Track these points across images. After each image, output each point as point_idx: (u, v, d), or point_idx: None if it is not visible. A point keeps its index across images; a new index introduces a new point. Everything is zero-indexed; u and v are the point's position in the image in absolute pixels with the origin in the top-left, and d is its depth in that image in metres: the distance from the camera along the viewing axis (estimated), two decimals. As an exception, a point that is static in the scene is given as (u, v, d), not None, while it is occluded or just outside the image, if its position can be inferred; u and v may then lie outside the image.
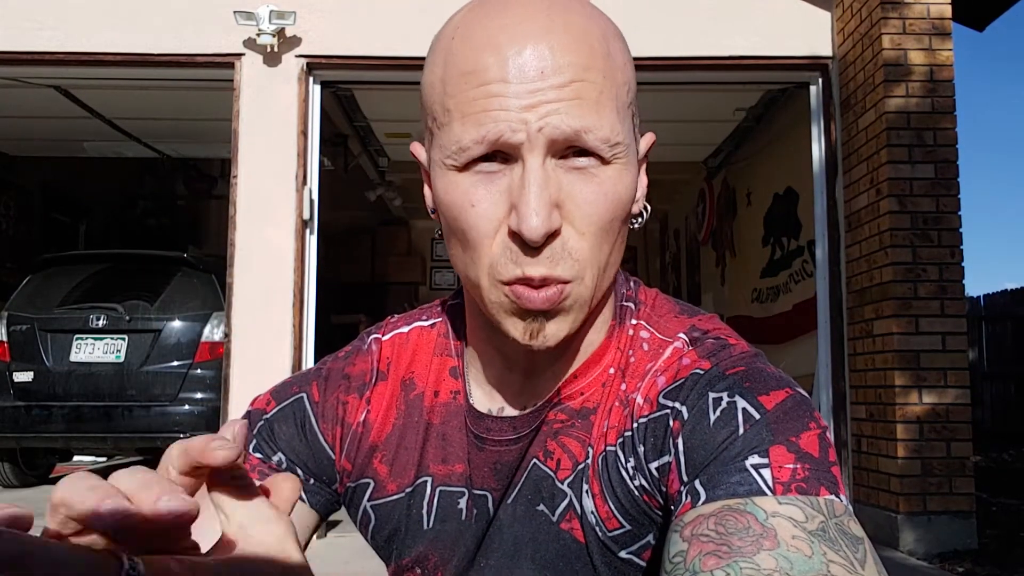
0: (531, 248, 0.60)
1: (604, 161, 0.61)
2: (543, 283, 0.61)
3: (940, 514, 3.81)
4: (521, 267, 0.61)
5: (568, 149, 0.61)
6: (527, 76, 0.59)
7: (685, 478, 0.59)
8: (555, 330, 0.64)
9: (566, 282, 0.62)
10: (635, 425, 0.66)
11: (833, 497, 0.55)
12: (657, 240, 10.10)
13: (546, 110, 0.59)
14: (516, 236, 0.60)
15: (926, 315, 3.91)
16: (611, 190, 0.62)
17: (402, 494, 0.75)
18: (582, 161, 0.61)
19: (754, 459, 0.56)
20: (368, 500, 0.77)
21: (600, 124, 0.60)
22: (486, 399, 0.75)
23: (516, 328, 0.64)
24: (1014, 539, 4.09)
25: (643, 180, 0.71)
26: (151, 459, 7.00)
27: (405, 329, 0.82)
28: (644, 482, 0.65)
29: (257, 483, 0.43)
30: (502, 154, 0.61)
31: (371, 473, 0.76)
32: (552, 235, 0.60)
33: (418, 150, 0.72)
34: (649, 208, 0.73)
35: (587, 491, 0.68)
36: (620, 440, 0.67)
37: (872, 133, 4.13)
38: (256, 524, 0.40)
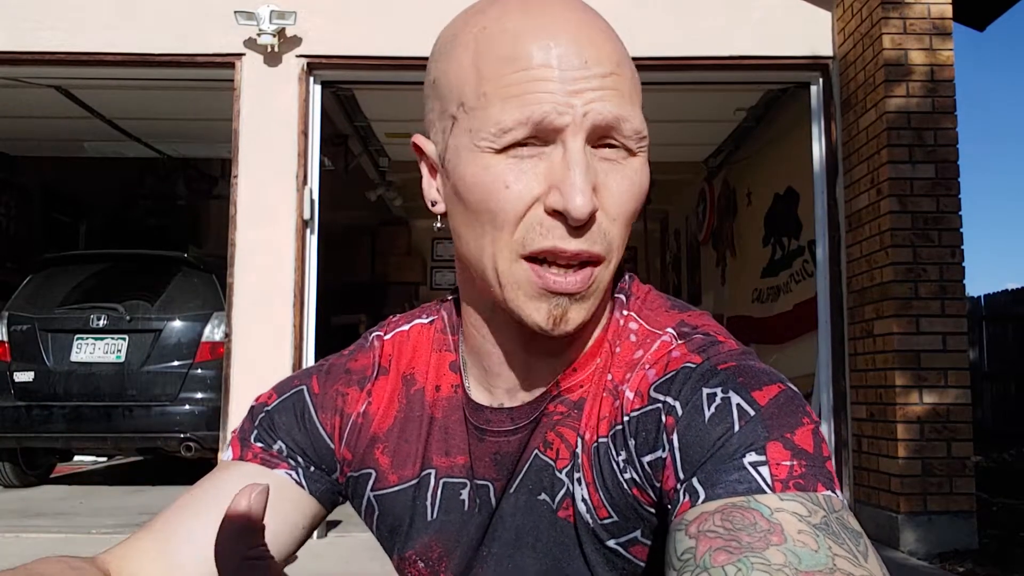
0: (572, 228, 0.62)
1: (631, 153, 0.65)
2: (574, 259, 0.63)
3: (941, 514, 3.81)
4: (552, 240, 0.62)
5: (600, 139, 0.63)
6: (571, 64, 0.61)
7: (681, 475, 0.59)
8: (576, 315, 0.65)
9: (598, 260, 0.64)
10: (626, 419, 0.67)
11: (830, 493, 0.55)
12: (658, 240, 10.10)
13: (590, 97, 0.61)
14: (557, 215, 0.62)
15: (927, 315, 3.91)
16: (638, 180, 0.65)
17: (405, 486, 0.77)
18: (611, 152, 0.64)
19: (751, 456, 0.56)
20: (371, 490, 0.79)
21: (634, 115, 0.64)
22: (484, 391, 0.76)
23: (539, 312, 0.65)
24: (1015, 539, 4.09)
25: None
26: (151, 459, 7.02)
27: (406, 327, 0.83)
28: (635, 475, 0.66)
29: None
30: (538, 138, 0.62)
31: (372, 463, 0.78)
32: (592, 217, 0.62)
33: (423, 141, 0.72)
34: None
35: (580, 479, 0.69)
36: (611, 432, 0.68)
37: (872, 133, 4.13)
38: None
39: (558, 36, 0.62)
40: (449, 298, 0.83)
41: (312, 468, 0.78)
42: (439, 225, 0.72)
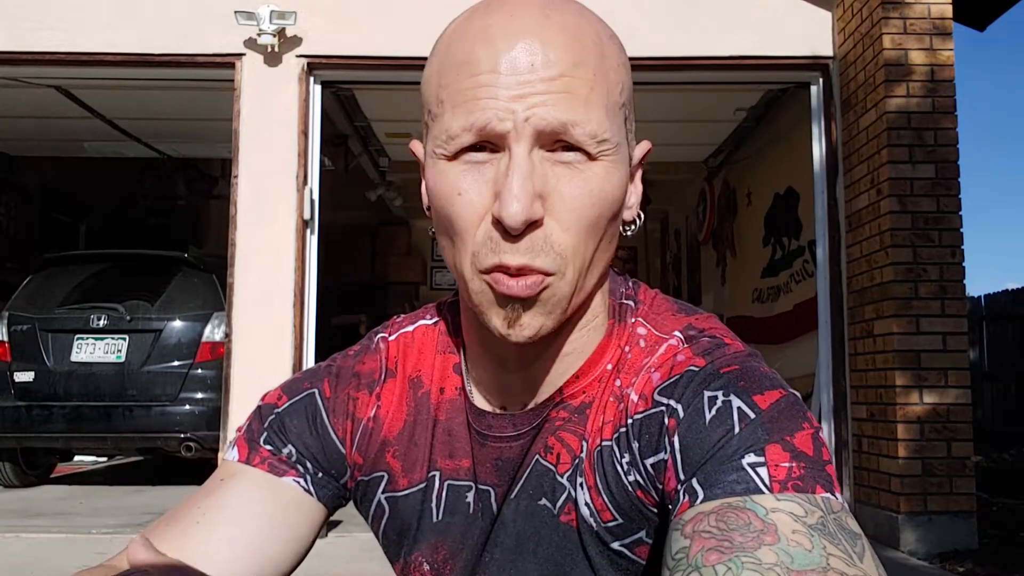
0: (511, 236, 0.61)
1: (591, 157, 0.62)
2: (520, 272, 0.61)
3: (941, 514, 3.81)
4: (499, 255, 0.61)
5: (556, 143, 0.62)
6: (518, 69, 0.60)
7: (682, 476, 0.60)
8: (531, 321, 0.64)
9: (547, 273, 0.62)
10: (630, 421, 0.67)
11: (829, 495, 0.55)
12: (658, 240, 10.10)
13: (534, 101, 0.60)
14: (498, 224, 0.61)
15: (927, 315, 3.90)
16: (597, 187, 0.62)
17: (414, 489, 0.77)
18: (569, 156, 0.62)
19: (750, 458, 0.57)
20: (383, 492, 0.78)
21: (587, 119, 0.61)
22: (486, 396, 0.75)
23: (496, 318, 0.64)
24: (1015, 539, 4.09)
25: (638, 188, 0.72)
26: (152, 459, 7.02)
27: (410, 328, 0.83)
28: (639, 478, 0.66)
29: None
30: (491, 144, 0.62)
31: (384, 467, 0.78)
32: (534, 225, 0.61)
33: (416, 147, 0.73)
34: (643, 216, 0.74)
35: (582, 483, 0.69)
36: (615, 436, 0.68)
37: (873, 133, 4.13)
38: None
39: (510, 39, 0.60)
40: (452, 299, 0.83)
41: (320, 474, 0.77)
42: (432, 230, 0.72)
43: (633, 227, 0.72)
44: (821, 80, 4.63)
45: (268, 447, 0.77)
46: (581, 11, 0.65)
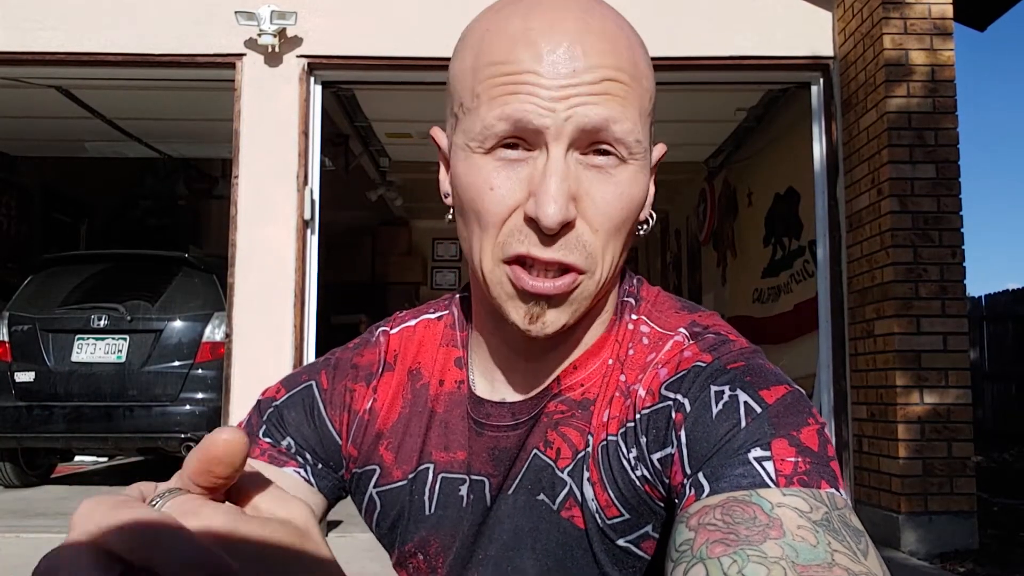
0: (545, 236, 0.62)
1: (623, 160, 0.64)
2: (548, 267, 0.63)
3: (941, 514, 3.81)
4: (527, 246, 0.63)
5: (590, 146, 0.63)
6: (559, 72, 0.62)
7: (688, 470, 0.60)
8: (555, 318, 0.65)
9: (581, 271, 0.64)
10: (637, 416, 0.67)
11: (834, 491, 0.56)
12: (658, 240, 10.10)
13: (575, 102, 0.61)
14: (532, 222, 0.62)
15: (927, 315, 3.90)
16: (627, 191, 0.65)
17: (406, 480, 0.77)
18: (601, 160, 0.64)
19: (756, 452, 0.57)
20: (374, 486, 0.78)
21: (625, 118, 0.63)
22: (488, 387, 0.76)
23: (517, 312, 0.66)
24: (1015, 539, 4.09)
25: (651, 188, 0.74)
26: (152, 459, 7.02)
27: (412, 322, 0.84)
28: (646, 472, 0.66)
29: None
30: (525, 142, 0.63)
31: (377, 460, 0.78)
32: (567, 226, 0.63)
33: (438, 134, 0.74)
34: (655, 216, 0.75)
35: (587, 479, 0.69)
36: (622, 430, 0.68)
37: (873, 133, 4.13)
38: (279, 510, 0.42)
39: (553, 43, 0.62)
40: (460, 295, 0.84)
41: (319, 465, 0.78)
42: (449, 217, 0.73)
43: (646, 226, 0.74)
44: (821, 80, 4.63)
45: (267, 440, 0.77)
46: (617, 19, 0.67)
